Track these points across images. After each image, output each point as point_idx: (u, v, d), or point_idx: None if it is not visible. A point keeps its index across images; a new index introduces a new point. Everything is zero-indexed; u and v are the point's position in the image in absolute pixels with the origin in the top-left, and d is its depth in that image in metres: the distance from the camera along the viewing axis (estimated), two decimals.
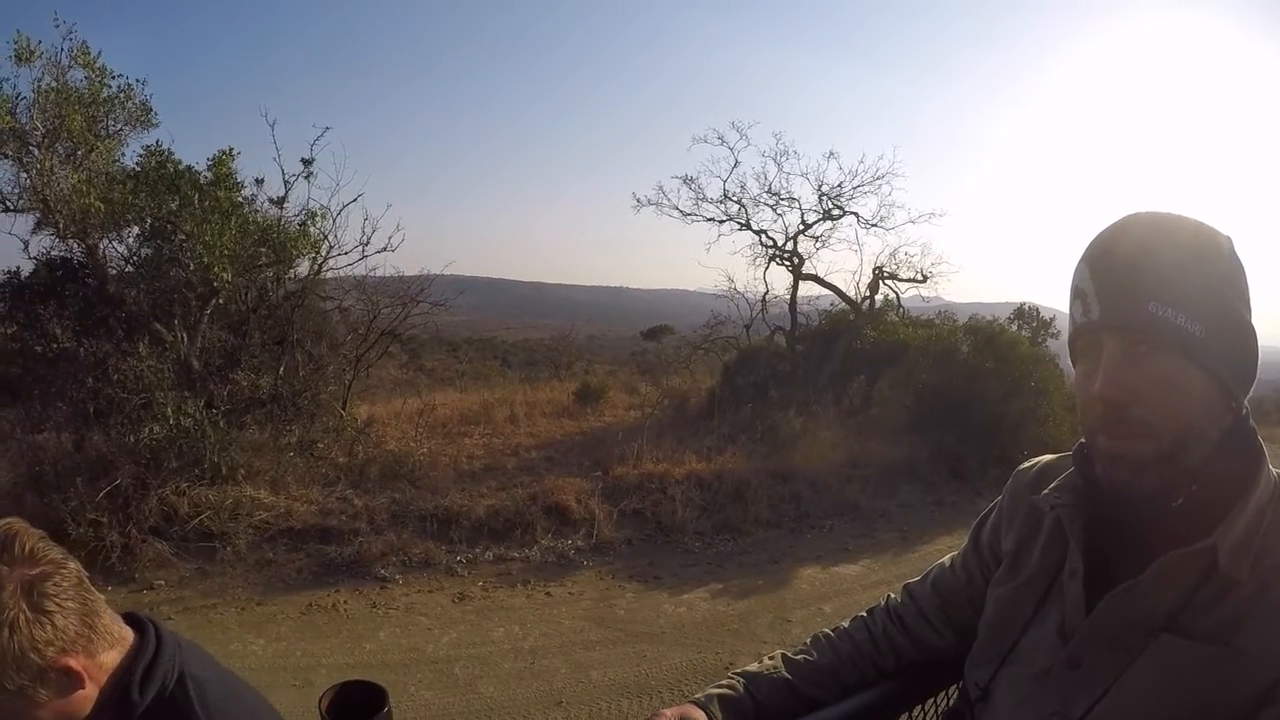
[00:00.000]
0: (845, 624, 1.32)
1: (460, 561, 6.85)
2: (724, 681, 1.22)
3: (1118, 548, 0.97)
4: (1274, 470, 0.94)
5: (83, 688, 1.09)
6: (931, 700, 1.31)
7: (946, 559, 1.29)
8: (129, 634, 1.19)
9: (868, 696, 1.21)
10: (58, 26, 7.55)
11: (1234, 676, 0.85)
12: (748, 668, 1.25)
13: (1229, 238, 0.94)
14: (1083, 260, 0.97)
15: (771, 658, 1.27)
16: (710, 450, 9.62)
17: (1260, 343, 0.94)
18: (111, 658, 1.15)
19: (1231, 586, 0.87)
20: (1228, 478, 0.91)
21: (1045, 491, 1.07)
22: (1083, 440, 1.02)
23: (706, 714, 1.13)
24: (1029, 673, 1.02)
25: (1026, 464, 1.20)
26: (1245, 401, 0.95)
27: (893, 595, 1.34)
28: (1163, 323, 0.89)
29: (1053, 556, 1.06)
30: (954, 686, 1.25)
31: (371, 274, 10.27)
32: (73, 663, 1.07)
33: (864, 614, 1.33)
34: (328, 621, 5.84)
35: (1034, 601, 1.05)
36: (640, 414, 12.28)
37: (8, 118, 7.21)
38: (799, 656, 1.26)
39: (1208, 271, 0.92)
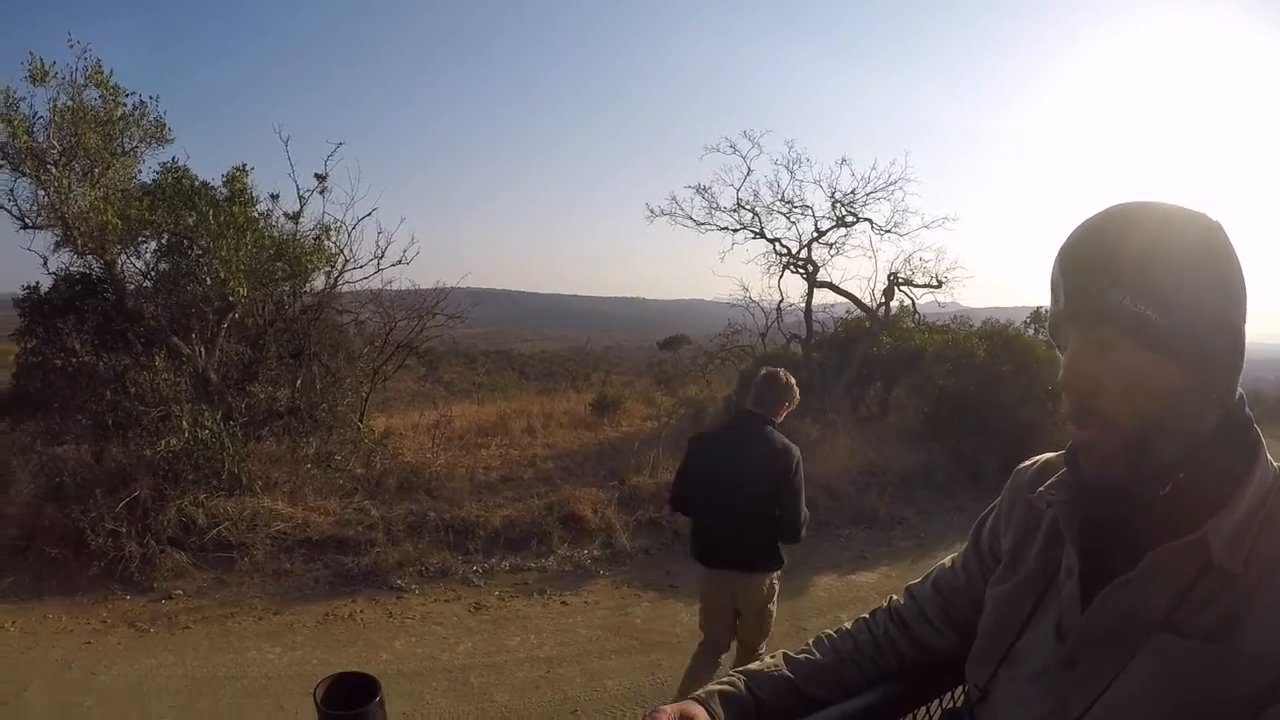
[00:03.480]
0: (847, 624, 1.32)
1: (476, 571, 6.85)
2: (724, 679, 1.22)
3: (1114, 544, 0.95)
4: (1274, 462, 0.91)
5: (780, 417, 4.08)
6: (937, 702, 1.28)
7: (947, 559, 1.28)
8: None
9: (870, 697, 1.20)
10: (71, 46, 7.67)
11: (1234, 675, 0.82)
12: (748, 666, 1.25)
13: (1218, 224, 0.90)
14: (1057, 252, 0.96)
15: (773, 656, 1.26)
16: None
17: (1272, 340, 0.90)
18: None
19: (1229, 581, 0.85)
20: (1220, 469, 0.89)
21: (1041, 489, 1.05)
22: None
23: (707, 710, 1.13)
24: (1027, 673, 1.00)
25: (1026, 462, 1.18)
26: (1239, 390, 0.92)
27: (895, 596, 1.33)
28: (1120, 310, 0.87)
29: (1050, 555, 1.04)
30: (960, 689, 1.24)
31: (387, 287, 10.35)
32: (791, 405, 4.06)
33: (866, 615, 1.32)
34: (344, 631, 5.85)
35: (1032, 601, 1.03)
36: (657, 424, 12.25)
37: (25, 137, 7.33)
38: (800, 655, 1.25)
39: (1181, 258, 0.89)
